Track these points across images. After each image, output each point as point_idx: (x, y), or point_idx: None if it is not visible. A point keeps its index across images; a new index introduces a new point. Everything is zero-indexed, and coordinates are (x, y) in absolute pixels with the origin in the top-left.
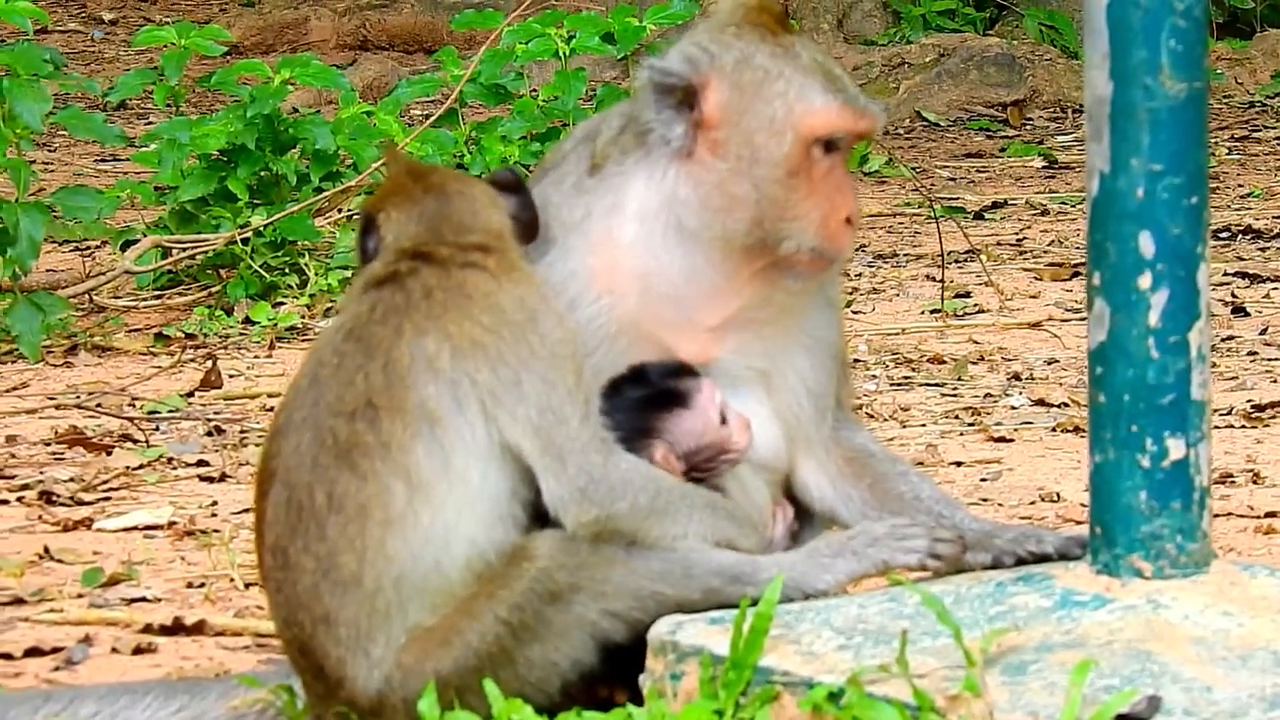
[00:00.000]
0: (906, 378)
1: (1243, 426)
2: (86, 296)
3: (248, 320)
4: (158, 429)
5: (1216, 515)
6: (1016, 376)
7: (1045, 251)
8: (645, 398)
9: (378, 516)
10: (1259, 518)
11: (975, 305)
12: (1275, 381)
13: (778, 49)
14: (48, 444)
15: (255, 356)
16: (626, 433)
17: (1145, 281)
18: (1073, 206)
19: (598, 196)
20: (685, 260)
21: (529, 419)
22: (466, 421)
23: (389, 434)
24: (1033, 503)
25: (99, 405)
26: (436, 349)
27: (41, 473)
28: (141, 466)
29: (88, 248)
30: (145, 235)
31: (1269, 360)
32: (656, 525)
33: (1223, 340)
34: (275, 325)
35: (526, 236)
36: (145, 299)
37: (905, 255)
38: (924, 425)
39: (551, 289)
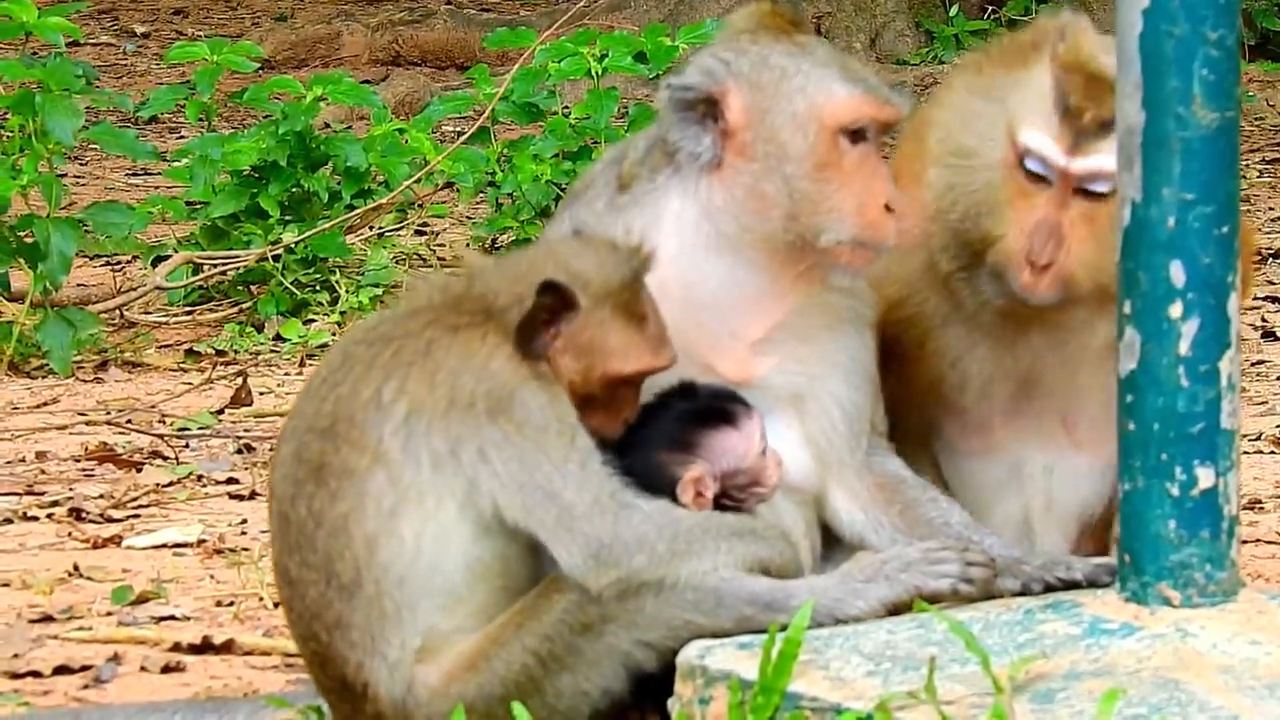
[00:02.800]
0: None
1: (1272, 452)
2: (117, 312)
3: (278, 337)
4: (188, 446)
5: (1245, 541)
6: None
7: None
8: (694, 410)
9: (357, 532)
10: None
11: None
12: None
13: (793, 47)
14: (78, 460)
15: (285, 374)
16: (667, 444)
17: (1176, 310)
18: None
19: (634, 214)
20: (727, 269)
21: (509, 494)
22: (422, 472)
23: (350, 461)
24: None
25: (129, 421)
26: (394, 398)
27: (71, 489)
28: (171, 484)
29: (118, 263)
30: (176, 251)
31: None
32: (682, 566)
33: (1252, 365)
34: (306, 343)
35: (520, 343)
36: (176, 315)
37: None
38: None
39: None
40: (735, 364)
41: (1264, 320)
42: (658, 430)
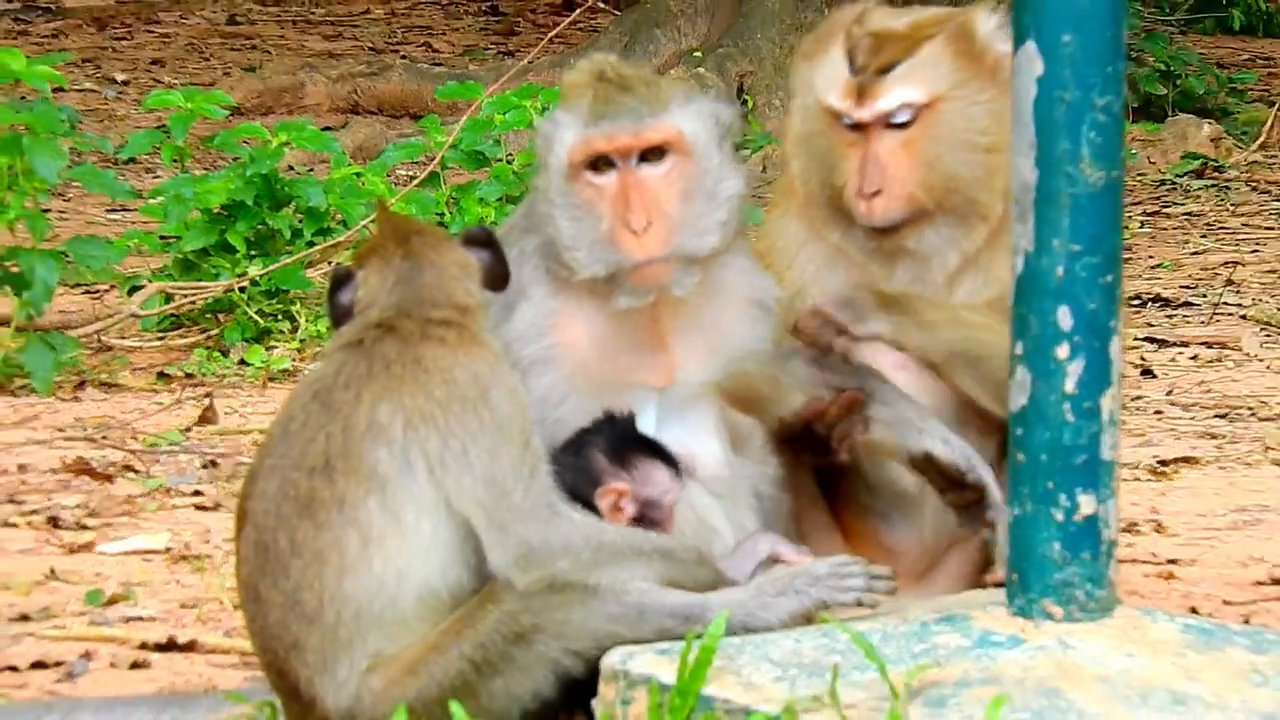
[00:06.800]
0: None
1: (1148, 480)
2: (95, 337)
3: (243, 362)
4: (158, 461)
5: (1122, 561)
6: None
7: None
8: (641, 438)
9: (334, 563)
10: (1161, 564)
11: None
12: (1179, 438)
13: (572, 100)
14: (56, 473)
15: (249, 396)
16: (608, 453)
17: (1063, 351)
18: None
19: (543, 253)
20: (590, 299)
21: (473, 491)
22: (416, 484)
23: (343, 491)
24: None
25: (104, 438)
26: (390, 418)
27: (50, 499)
28: (142, 495)
29: (97, 291)
30: (150, 281)
31: (1173, 419)
32: (603, 574)
33: (1132, 400)
34: (268, 367)
35: (499, 286)
36: (149, 340)
37: None
38: None
39: (514, 346)
40: (657, 372)
41: (1143, 359)
42: (606, 439)
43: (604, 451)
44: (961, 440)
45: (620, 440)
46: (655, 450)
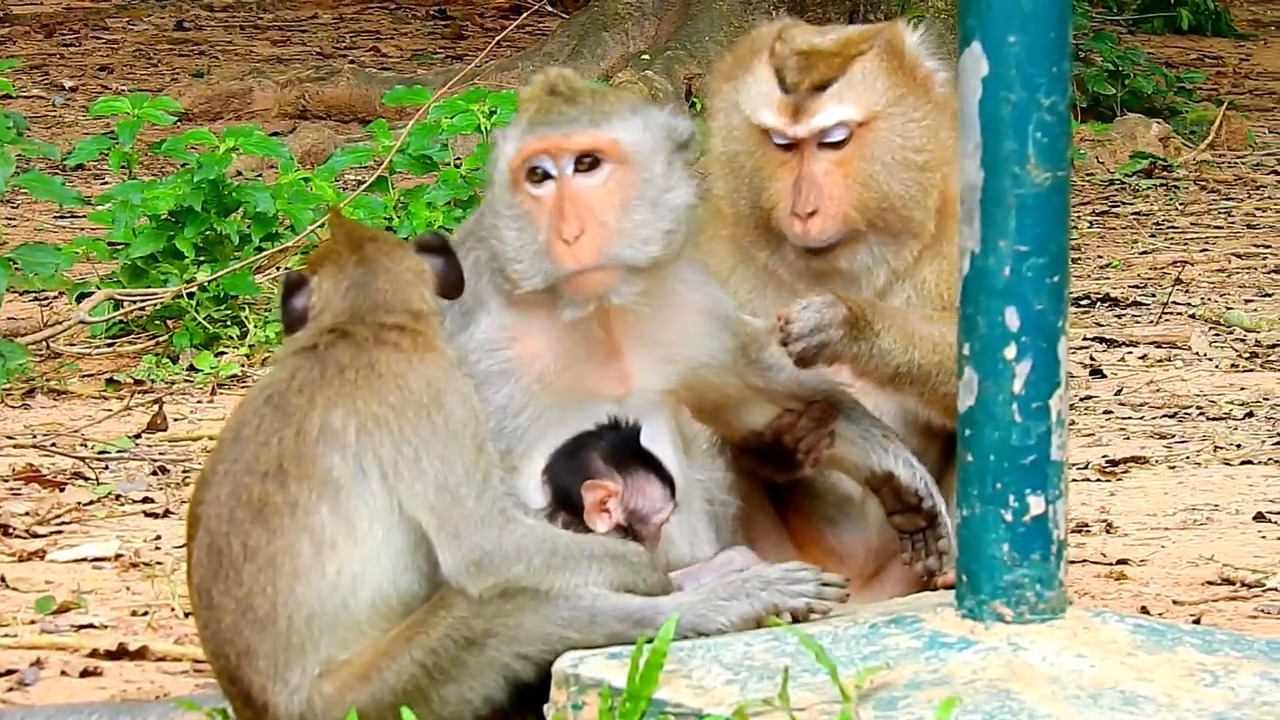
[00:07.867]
0: None
1: (1098, 480)
2: (44, 344)
3: (192, 368)
4: (107, 468)
5: (1072, 562)
6: None
7: None
8: (644, 453)
9: (286, 568)
10: (1111, 564)
11: None
12: (1128, 438)
13: (518, 114)
14: (5, 480)
15: (198, 402)
16: (607, 456)
17: (1011, 352)
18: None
19: (493, 265)
20: (541, 311)
21: (426, 497)
22: (370, 490)
23: (296, 496)
24: None
25: (53, 445)
26: (343, 424)
27: None
28: (92, 503)
29: (46, 298)
30: (99, 288)
31: (1123, 418)
32: (556, 579)
33: (1081, 400)
34: (217, 373)
35: (453, 293)
36: (98, 347)
37: None
38: None
39: (471, 357)
40: (614, 383)
41: (1092, 359)
42: (609, 442)
43: (603, 453)
44: (923, 466)
45: (623, 447)
46: (654, 466)
